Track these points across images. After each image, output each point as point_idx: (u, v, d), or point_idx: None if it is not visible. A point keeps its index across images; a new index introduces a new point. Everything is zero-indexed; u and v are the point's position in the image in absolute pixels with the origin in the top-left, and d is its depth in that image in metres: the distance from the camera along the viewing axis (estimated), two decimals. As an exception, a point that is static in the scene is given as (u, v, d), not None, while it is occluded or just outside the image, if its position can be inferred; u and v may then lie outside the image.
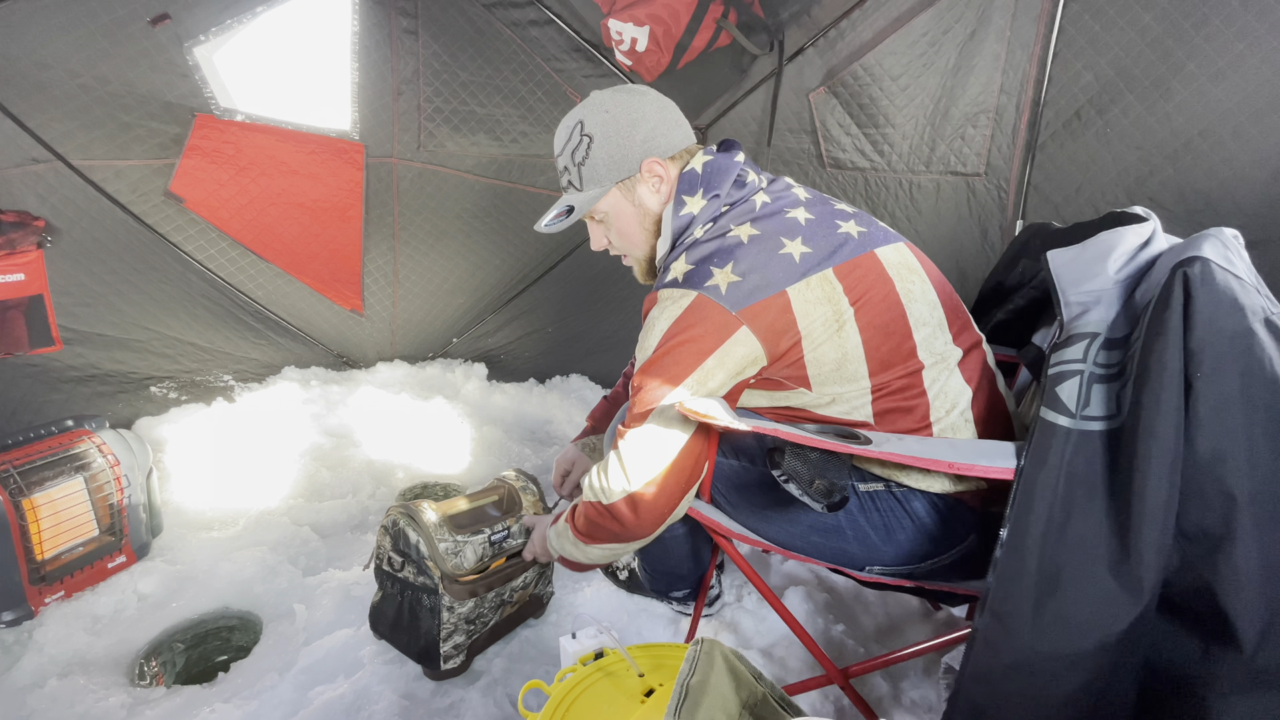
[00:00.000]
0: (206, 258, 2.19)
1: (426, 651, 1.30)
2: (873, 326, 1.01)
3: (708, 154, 1.13)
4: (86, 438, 1.62)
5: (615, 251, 1.23)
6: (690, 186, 1.10)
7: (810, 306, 0.99)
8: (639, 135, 1.11)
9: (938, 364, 1.03)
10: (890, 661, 1.10)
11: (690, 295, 1.00)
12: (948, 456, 0.87)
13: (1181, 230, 0.92)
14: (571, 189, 1.17)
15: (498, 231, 2.57)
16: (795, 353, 1.01)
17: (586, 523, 1.12)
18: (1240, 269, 0.78)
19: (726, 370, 0.99)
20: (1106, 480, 0.77)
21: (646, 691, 0.99)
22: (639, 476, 1.03)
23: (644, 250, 1.19)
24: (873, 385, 1.02)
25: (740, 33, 2.09)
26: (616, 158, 1.11)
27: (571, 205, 1.15)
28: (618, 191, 1.14)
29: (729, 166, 1.11)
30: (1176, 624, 0.76)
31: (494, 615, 1.36)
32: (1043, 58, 1.69)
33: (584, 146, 1.12)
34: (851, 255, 1.03)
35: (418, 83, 2.26)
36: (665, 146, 1.12)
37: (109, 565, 1.60)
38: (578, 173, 1.14)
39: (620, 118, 1.11)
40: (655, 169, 1.11)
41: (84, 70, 1.80)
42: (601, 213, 1.17)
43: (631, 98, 1.13)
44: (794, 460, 0.95)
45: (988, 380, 1.10)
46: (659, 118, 1.13)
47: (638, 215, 1.15)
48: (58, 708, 1.28)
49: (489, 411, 2.54)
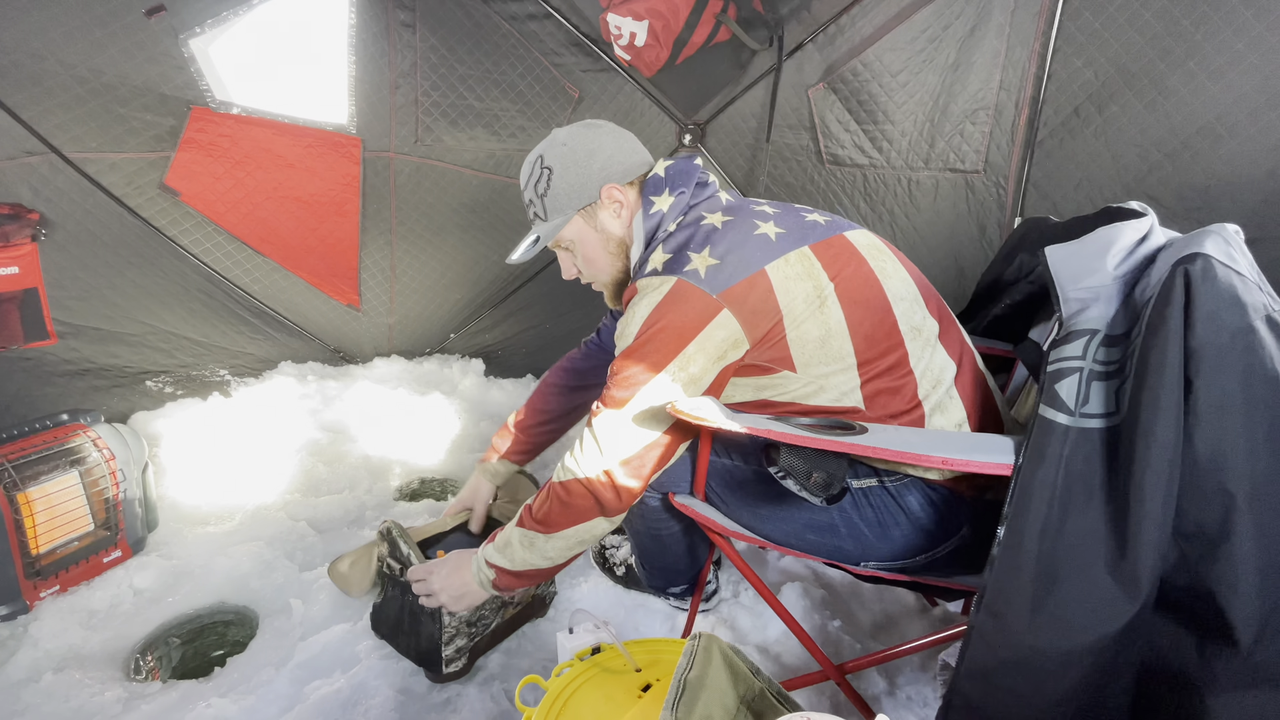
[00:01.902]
0: (202, 251, 2.18)
1: (428, 655, 1.29)
2: (853, 301, 1.02)
3: (668, 160, 1.18)
4: (81, 432, 1.62)
5: (584, 279, 1.29)
6: (655, 188, 1.15)
7: (791, 283, 1.01)
8: (596, 164, 1.17)
9: (919, 338, 1.05)
10: (886, 658, 1.10)
11: (670, 281, 1.01)
12: (944, 452, 0.87)
13: (1180, 228, 0.92)
14: (538, 220, 1.23)
15: (495, 227, 2.56)
16: (777, 332, 1.01)
17: (551, 507, 1.09)
18: (1242, 266, 0.78)
19: (707, 355, 0.99)
20: (1105, 478, 0.77)
21: (644, 686, 0.99)
22: (614, 455, 1.04)
23: (610, 275, 1.24)
24: (859, 364, 1.02)
25: (740, 28, 2.08)
26: (576, 186, 1.17)
27: (538, 235, 1.21)
28: (580, 219, 1.20)
29: (690, 169, 1.16)
30: (1173, 622, 0.76)
31: (495, 617, 1.35)
32: (1042, 54, 1.69)
33: (545, 178, 1.19)
34: (824, 236, 1.07)
35: (415, 76, 2.24)
36: (622, 173, 1.18)
37: (104, 560, 1.60)
38: (541, 204, 1.21)
39: (577, 149, 1.17)
40: (614, 194, 1.17)
41: (79, 62, 1.79)
42: (567, 240, 1.22)
43: (587, 130, 1.20)
44: (790, 456, 0.95)
45: (969, 357, 1.12)
46: (615, 146, 1.19)
47: (601, 240, 1.20)
48: (53, 702, 1.28)
49: (486, 407, 2.54)
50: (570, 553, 1.12)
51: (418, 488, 2.12)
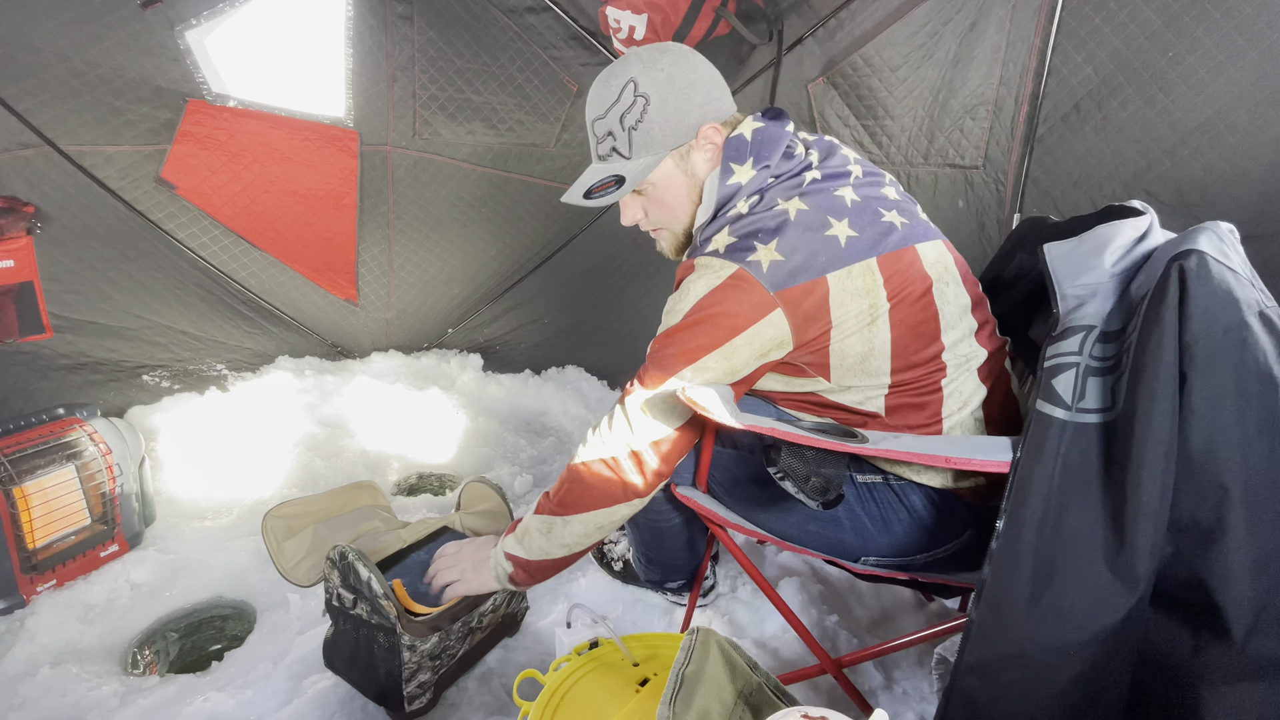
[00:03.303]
0: (199, 245, 2.17)
1: (387, 693, 1.19)
2: (904, 325, 0.98)
3: (757, 120, 1.06)
4: (78, 426, 1.61)
5: (649, 225, 1.14)
6: (739, 154, 1.03)
7: (848, 297, 0.96)
8: (697, 97, 1.02)
9: (960, 367, 1.03)
10: (883, 652, 1.10)
11: (731, 268, 0.95)
12: (944, 452, 0.87)
13: (1178, 224, 0.92)
14: (616, 156, 1.05)
15: (494, 221, 2.55)
16: (822, 341, 0.98)
17: (571, 488, 1.05)
18: (1235, 263, 0.78)
19: (752, 350, 0.97)
20: (1102, 472, 0.77)
21: (641, 681, 1.00)
22: (645, 436, 1.00)
23: (685, 223, 1.11)
24: (891, 382, 1.00)
25: (739, 22, 2.07)
26: (674, 122, 1.02)
27: (620, 175, 1.04)
28: (671, 160, 1.05)
29: (779, 135, 1.04)
30: (1168, 615, 0.77)
31: (461, 645, 1.26)
32: (1042, 50, 1.69)
33: (638, 109, 1.01)
34: (895, 247, 0.99)
35: (413, 70, 2.23)
36: (720, 111, 1.05)
37: (101, 554, 1.60)
38: (627, 138, 1.02)
39: (678, 78, 1.01)
40: (713, 136, 1.03)
41: (74, 54, 1.77)
42: (648, 184, 1.07)
43: (685, 56, 1.04)
44: (790, 457, 0.95)
45: (1003, 382, 1.09)
46: (713, 79, 1.05)
47: (688, 186, 1.07)
48: (50, 696, 1.28)
49: (484, 402, 2.54)
50: (588, 540, 1.08)
51: (415, 483, 2.12)
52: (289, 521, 1.44)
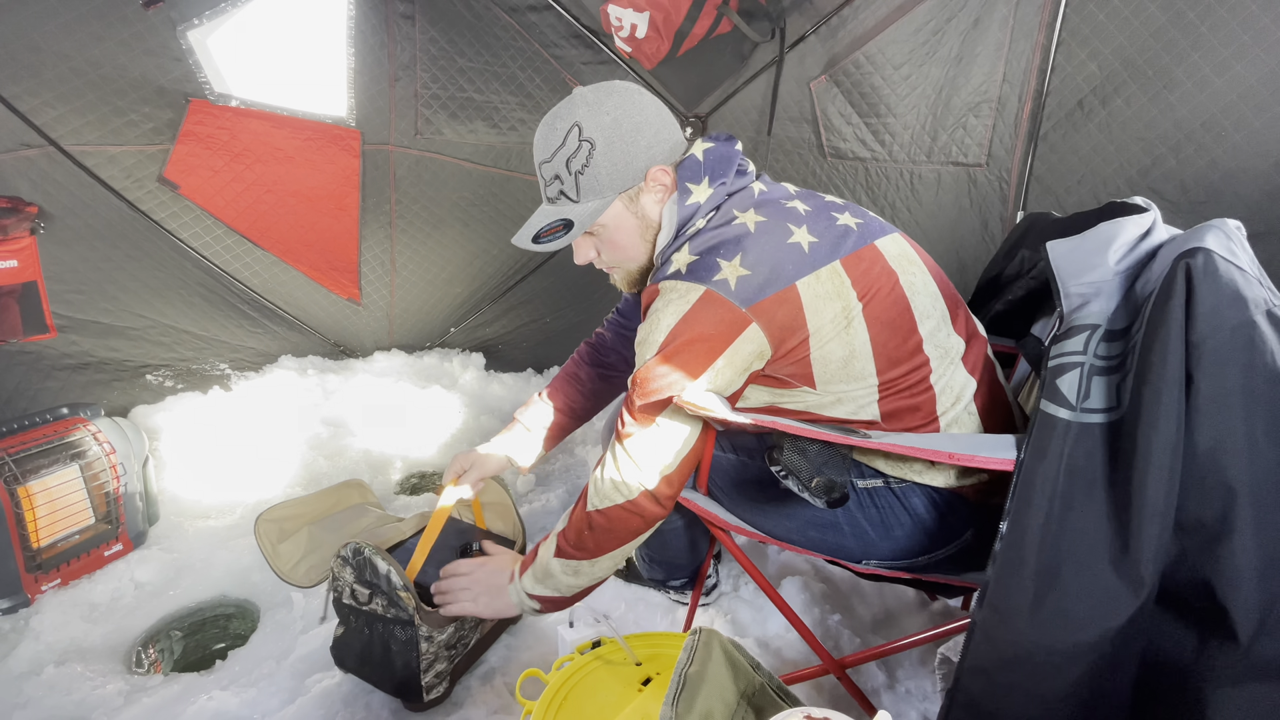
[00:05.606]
0: (202, 245, 2.18)
1: (405, 685, 1.21)
2: (879, 322, 0.99)
3: (707, 141, 1.07)
4: (82, 425, 1.62)
5: (602, 265, 1.15)
6: (694, 175, 1.04)
7: (820, 302, 0.96)
8: (643, 141, 1.02)
9: (943, 359, 1.02)
10: (886, 652, 1.10)
11: (697, 290, 0.95)
12: (948, 448, 0.87)
13: (1184, 222, 0.91)
14: (564, 200, 1.05)
15: (496, 220, 2.55)
16: (801, 350, 0.98)
17: (594, 536, 1.04)
18: (1243, 260, 0.77)
19: (735, 367, 0.97)
20: (1107, 473, 0.77)
21: (644, 680, 1.00)
22: (654, 471, 1.01)
23: (640, 262, 1.11)
24: (880, 383, 1.00)
25: (741, 19, 2.07)
26: (620, 166, 1.02)
27: (568, 219, 1.04)
28: (620, 203, 1.05)
29: (731, 154, 1.06)
30: (1173, 616, 0.76)
31: (474, 634, 1.30)
32: (1046, 46, 1.68)
33: (584, 153, 1.01)
34: (855, 248, 1.00)
35: (415, 69, 2.23)
36: (668, 152, 1.05)
37: (105, 553, 1.60)
38: (574, 182, 1.03)
39: (624, 121, 1.01)
40: (661, 178, 1.04)
41: (76, 54, 1.78)
42: (599, 226, 1.07)
43: (630, 98, 1.03)
44: (793, 456, 0.95)
45: (989, 371, 1.09)
46: (659, 120, 1.04)
47: (639, 227, 1.07)
48: (55, 695, 1.28)
49: (487, 401, 2.54)
50: (618, 565, 1.09)
51: (418, 481, 2.12)
52: (281, 524, 1.44)
